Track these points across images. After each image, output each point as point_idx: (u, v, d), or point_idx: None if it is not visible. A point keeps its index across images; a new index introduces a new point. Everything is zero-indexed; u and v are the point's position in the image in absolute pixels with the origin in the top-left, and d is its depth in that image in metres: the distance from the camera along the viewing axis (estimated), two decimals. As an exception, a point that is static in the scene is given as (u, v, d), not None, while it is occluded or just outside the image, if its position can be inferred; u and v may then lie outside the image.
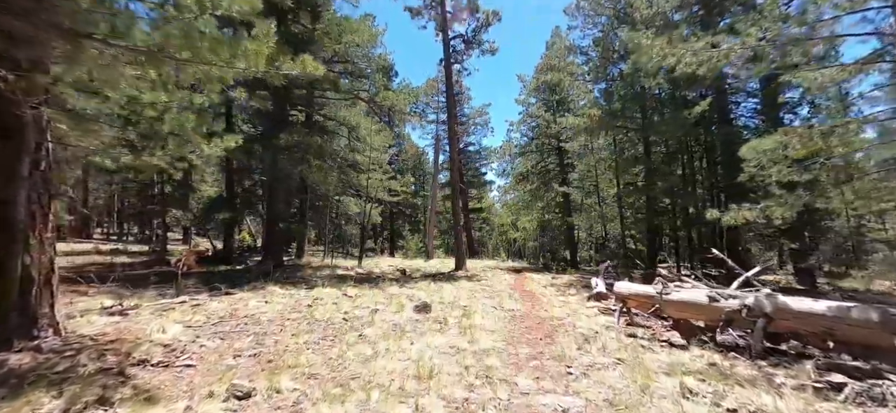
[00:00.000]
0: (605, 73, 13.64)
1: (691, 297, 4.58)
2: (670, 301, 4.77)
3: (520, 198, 24.46)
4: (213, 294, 7.57)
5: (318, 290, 8.48)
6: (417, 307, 6.44)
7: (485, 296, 8.78)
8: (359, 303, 7.06)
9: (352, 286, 9.52)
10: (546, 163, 20.66)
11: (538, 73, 20.52)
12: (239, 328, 5.02)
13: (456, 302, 7.47)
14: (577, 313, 6.89)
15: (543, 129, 19.30)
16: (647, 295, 5.02)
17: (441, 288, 9.74)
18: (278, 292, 8.03)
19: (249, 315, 5.74)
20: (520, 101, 21.07)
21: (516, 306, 7.43)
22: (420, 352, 4.15)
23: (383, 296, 8.14)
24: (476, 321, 5.71)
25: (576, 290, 10.35)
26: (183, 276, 9.55)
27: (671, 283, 5.78)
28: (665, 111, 13.43)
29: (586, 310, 7.32)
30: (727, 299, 4.28)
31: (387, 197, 21.31)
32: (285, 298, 7.34)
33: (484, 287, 10.41)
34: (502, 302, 7.85)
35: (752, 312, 3.99)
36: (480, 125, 35.98)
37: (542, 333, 5.26)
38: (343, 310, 6.30)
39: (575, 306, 7.74)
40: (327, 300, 7.24)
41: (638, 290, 5.29)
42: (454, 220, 15.67)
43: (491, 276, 13.31)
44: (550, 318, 6.39)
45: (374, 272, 13.48)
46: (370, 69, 12.08)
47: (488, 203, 39.39)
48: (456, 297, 8.06)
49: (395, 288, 9.40)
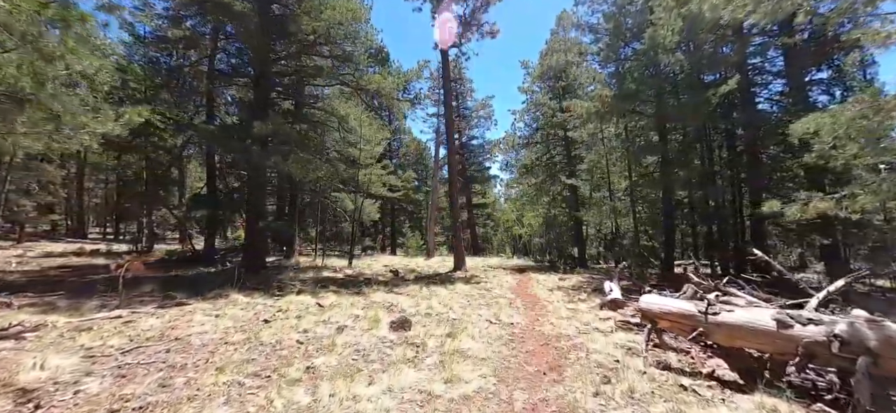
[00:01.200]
0: (616, 55, 12.30)
1: (750, 319, 3.35)
2: (720, 324, 3.54)
3: (524, 192, 23.17)
4: (163, 305, 6.50)
5: (289, 298, 7.38)
6: (395, 323, 5.28)
7: (481, 303, 7.61)
8: (329, 316, 5.93)
9: (331, 292, 8.41)
10: (552, 154, 19.35)
11: (543, 59, 19.16)
12: (154, 358, 3.90)
13: (445, 314, 6.30)
14: (589, 328, 5.69)
15: (549, 119, 17.97)
16: (685, 315, 3.79)
17: (433, 293, 8.58)
18: (241, 301, 6.94)
19: (181, 337, 4.63)
20: (523, 90, 19.75)
21: (517, 318, 6.24)
22: (376, 401, 3.00)
23: (363, 304, 7.01)
24: (463, 344, 4.54)
25: (586, 295, 9.12)
26: (144, 281, 8.54)
27: (711, 295, 4.54)
28: (682, 95, 12.08)
29: (600, 323, 6.10)
30: (805, 325, 3.05)
31: (385, 193, 20.17)
32: (243, 310, 6.24)
33: (482, 291, 9.24)
34: (500, 312, 6.67)
35: (848, 346, 2.77)
36: (483, 118, 34.69)
37: (547, 363, 4.07)
38: (303, 328, 5.16)
39: (586, 317, 6.53)
40: (292, 313, 6.12)
41: (673, 307, 4.06)
42: (452, 217, 14.49)
43: (491, 278, 12.13)
44: (557, 336, 5.19)
45: (364, 273, 12.36)
46: (356, 51, 10.84)
47: (492, 198, 38.11)
48: (447, 307, 6.89)
49: (380, 293, 8.27)
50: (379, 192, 18.91)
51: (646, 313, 4.29)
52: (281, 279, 10.09)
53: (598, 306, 7.56)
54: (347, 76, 10.91)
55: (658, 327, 4.18)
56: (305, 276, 11.17)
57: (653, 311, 4.20)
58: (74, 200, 29.97)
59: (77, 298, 6.76)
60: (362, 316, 5.94)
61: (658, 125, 12.58)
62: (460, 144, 33.69)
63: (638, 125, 14.72)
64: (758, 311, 3.48)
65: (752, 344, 3.45)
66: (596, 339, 4.99)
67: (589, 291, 9.75)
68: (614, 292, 7.65)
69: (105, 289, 7.35)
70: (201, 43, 13.50)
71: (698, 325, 3.67)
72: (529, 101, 19.45)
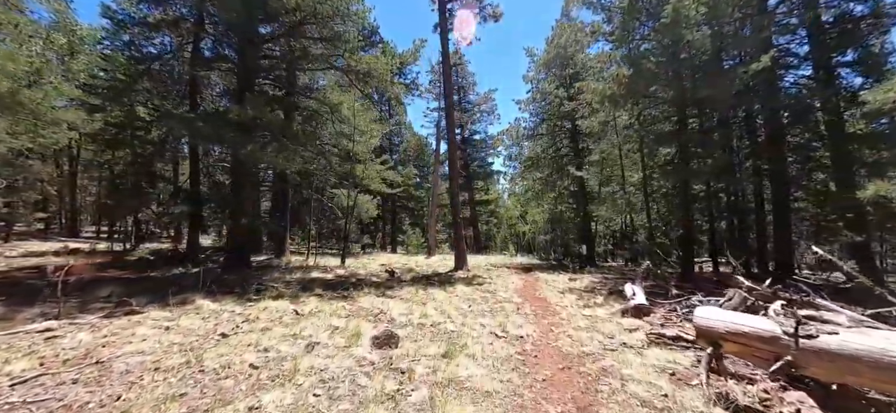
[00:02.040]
0: (631, 34, 11.21)
1: (874, 349, 2.34)
2: (819, 352, 2.51)
3: (529, 187, 22.11)
4: (112, 314, 5.55)
5: (265, 303, 6.42)
6: (378, 339, 4.30)
7: (484, 309, 6.62)
8: (302, 327, 4.95)
9: (315, 295, 7.45)
10: (558, 147, 18.28)
11: (550, 45, 18.07)
12: (49, 395, 2.94)
13: (441, 325, 5.31)
14: (615, 342, 4.68)
15: (556, 108, 16.89)
16: (764, 338, 2.77)
17: (429, 297, 7.60)
18: (206, 308, 5.99)
19: (105, 360, 3.67)
20: (528, 78, 18.67)
21: (527, 329, 5.24)
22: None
23: (347, 311, 6.04)
24: (461, 369, 3.55)
25: (602, 298, 8.11)
26: (105, 284, 7.62)
27: (776, 305, 3.51)
28: (707, 76, 11.01)
29: (627, 334, 5.10)
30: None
31: (384, 188, 19.19)
32: (203, 320, 5.28)
33: (485, 294, 8.24)
34: (507, 321, 5.67)
35: None
36: (486, 113, 33.64)
37: (573, 400, 3.08)
38: (265, 345, 4.19)
39: (608, 326, 5.52)
40: (260, 323, 5.16)
41: (745, 326, 3.01)
42: (452, 213, 13.49)
43: (495, 278, 11.14)
44: (579, 355, 4.19)
45: (357, 273, 11.40)
46: (347, 31, 9.83)
47: (495, 195, 37.06)
48: (444, 315, 5.91)
49: (370, 298, 7.30)
50: (377, 188, 17.95)
51: (704, 333, 3.27)
52: (263, 281, 9.14)
53: (618, 313, 6.55)
54: (337, 59, 9.89)
55: (721, 351, 3.16)
56: (292, 276, 10.22)
57: (715, 330, 3.18)
58: (68, 198, 29.22)
59: (17, 305, 5.83)
60: (342, 327, 4.96)
61: (677, 110, 11.49)
62: (462, 139, 32.67)
63: (651, 114, 13.63)
64: (878, 339, 2.45)
65: (881, 384, 2.41)
66: (628, 360, 3.98)
67: (604, 294, 8.74)
68: (638, 297, 6.64)
69: (50, 294, 6.42)
70: (184, 26, 12.55)
71: (784, 353, 2.67)
72: (534, 90, 18.37)
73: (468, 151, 32.81)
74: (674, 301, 6.79)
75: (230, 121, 8.53)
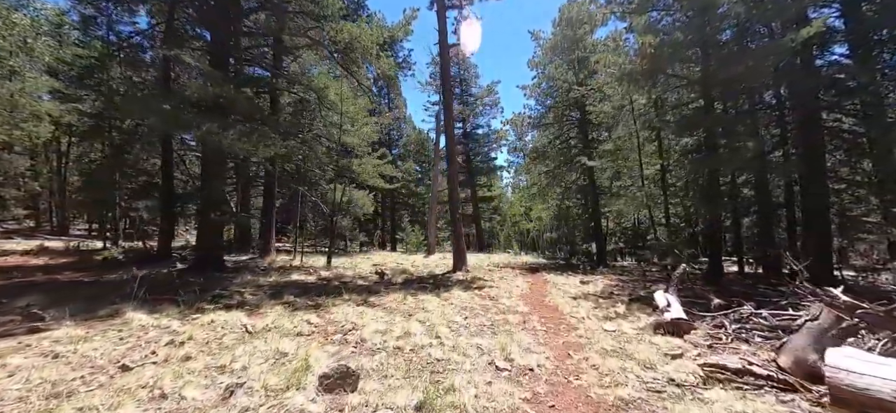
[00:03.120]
0: (651, 2, 9.80)
1: None
2: None
3: (534, 181, 20.78)
4: (13, 330, 4.37)
5: (213, 316, 5.20)
6: (328, 379, 3.04)
7: (483, 324, 5.36)
8: (237, 355, 3.72)
9: (282, 304, 6.23)
10: (566, 137, 16.94)
11: (557, 26, 16.70)
12: None
13: (425, 350, 4.06)
14: (659, 377, 3.43)
15: (564, 95, 15.55)
16: None
17: (419, 306, 6.36)
18: (134, 323, 4.79)
19: None
20: (534, 63, 17.31)
21: (536, 358, 3.97)
22: None
23: (309, 329, 4.82)
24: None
25: (624, 307, 6.83)
26: (32, 291, 6.45)
27: None
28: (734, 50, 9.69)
29: (672, 364, 3.83)
30: None
31: (382, 183, 17.96)
32: (115, 343, 4.08)
33: (484, 302, 6.99)
34: (510, 342, 4.40)
35: None
36: (489, 106, 32.22)
37: None
38: (167, 387, 2.96)
39: (643, 350, 4.24)
40: (187, 347, 3.95)
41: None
42: (451, 208, 12.24)
43: (497, 280, 9.88)
44: (615, 404, 2.93)
45: (343, 276, 10.17)
46: (328, 2, 8.55)
47: (498, 191, 35.73)
48: (431, 334, 4.66)
49: (347, 308, 6.07)
50: (375, 183, 16.72)
51: (853, 399, 1.98)
52: (229, 285, 7.94)
53: (649, 328, 5.27)
54: (317, 30, 8.64)
55: None
56: (267, 279, 9.02)
57: (875, 396, 1.88)
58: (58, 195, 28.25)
59: None
60: (291, 355, 3.73)
61: (703, 92, 10.14)
62: (464, 134, 31.35)
63: (671, 99, 12.27)
64: None
65: None
66: None
67: (625, 301, 7.45)
68: (673, 308, 5.35)
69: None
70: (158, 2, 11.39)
71: None
72: (541, 74, 17.01)
73: (470, 146, 31.48)
74: (718, 313, 5.50)
75: (183, 97, 7.31)
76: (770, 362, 3.97)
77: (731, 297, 6.30)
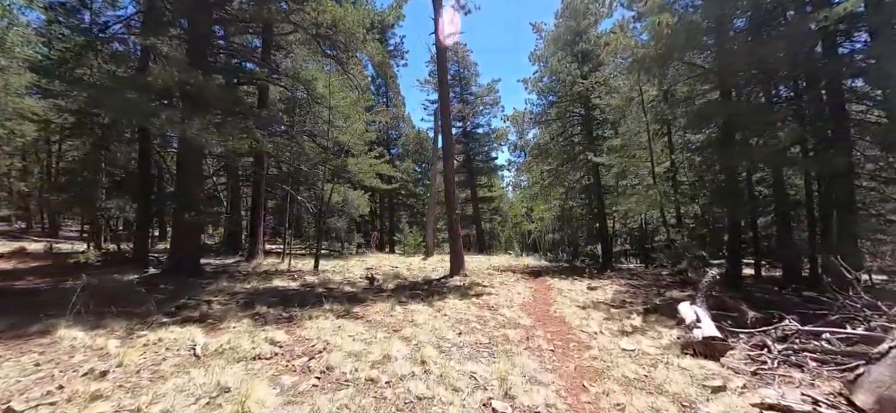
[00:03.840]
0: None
1: None
2: None
3: (536, 180, 19.95)
4: None
5: (161, 333, 4.43)
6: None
7: (479, 343, 4.56)
8: (170, 388, 2.94)
9: (249, 317, 5.43)
10: (570, 134, 16.14)
11: (559, 17, 15.90)
12: None
13: (405, 378, 3.27)
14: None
15: (567, 88, 14.76)
16: None
17: (407, 318, 5.56)
18: (64, 343, 4.02)
19: None
20: (536, 56, 16.53)
21: (545, 396, 3.15)
22: None
23: (271, 350, 4.03)
24: None
25: (639, 318, 6.02)
26: None
27: None
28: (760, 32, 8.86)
29: (715, 401, 3.03)
30: None
31: (379, 183, 17.19)
32: (17, 370, 3.29)
33: (482, 312, 6.18)
34: (511, 369, 3.60)
35: None
36: (490, 104, 31.39)
37: None
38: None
39: (675, 379, 3.44)
40: (102, 382, 3.15)
41: None
42: (448, 207, 11.45)
43: (497, 286, 9.07)
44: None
45: (330, 282, 9.38)
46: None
47: (499, 191, 34.92)
48: (415, 359, 3.85)
49: (324, 321, 5.28)
50: (371, 183, 15.97)
51: None
52: (198, 293, 7.15)
53: (675, 347, 4.46)
54: (296, 13, 7.85)
55: None
56: (243, 286, 8.22)
57: None
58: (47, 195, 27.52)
59: None
60: (233, 391, 2.93)
61: (720, 80, 9.33)
62: (464, 133, 30.58)
63: (682, 90, 11.45)
64: None
65: None
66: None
67: (640, 311, 6.64)
68: (704, 324, 4.53)
69: None
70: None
71: None
72: (543, 68, 16.20)
73: (470, 146, 30.71)
74: (756, 330, 4.67)
75: (146, 84, 6.53)
76: (837, 396, 3.17)
77: (765, 308, 5.48)
